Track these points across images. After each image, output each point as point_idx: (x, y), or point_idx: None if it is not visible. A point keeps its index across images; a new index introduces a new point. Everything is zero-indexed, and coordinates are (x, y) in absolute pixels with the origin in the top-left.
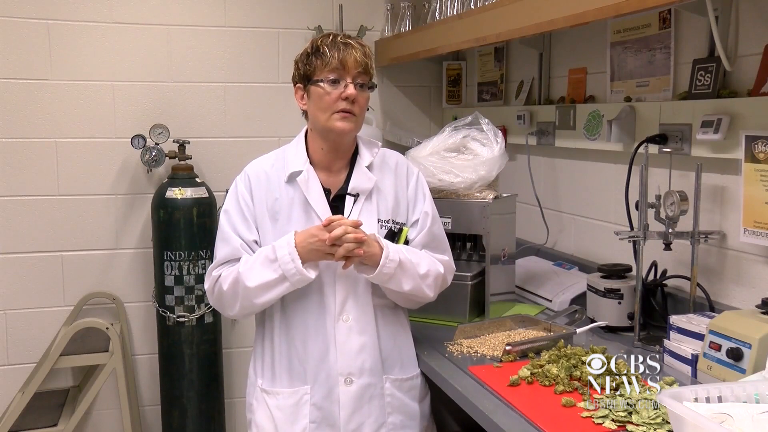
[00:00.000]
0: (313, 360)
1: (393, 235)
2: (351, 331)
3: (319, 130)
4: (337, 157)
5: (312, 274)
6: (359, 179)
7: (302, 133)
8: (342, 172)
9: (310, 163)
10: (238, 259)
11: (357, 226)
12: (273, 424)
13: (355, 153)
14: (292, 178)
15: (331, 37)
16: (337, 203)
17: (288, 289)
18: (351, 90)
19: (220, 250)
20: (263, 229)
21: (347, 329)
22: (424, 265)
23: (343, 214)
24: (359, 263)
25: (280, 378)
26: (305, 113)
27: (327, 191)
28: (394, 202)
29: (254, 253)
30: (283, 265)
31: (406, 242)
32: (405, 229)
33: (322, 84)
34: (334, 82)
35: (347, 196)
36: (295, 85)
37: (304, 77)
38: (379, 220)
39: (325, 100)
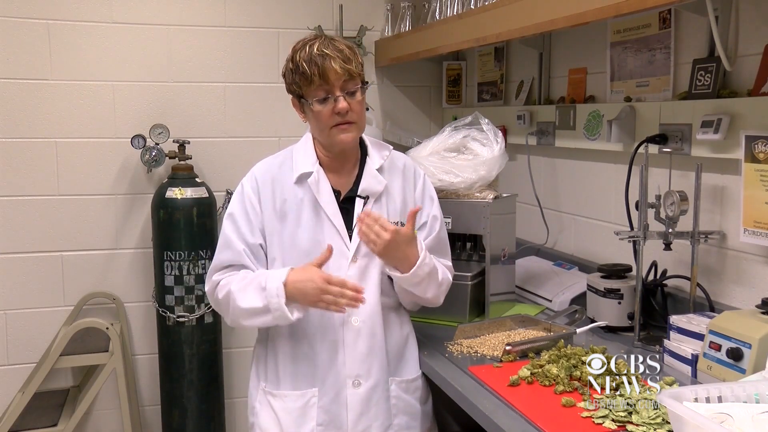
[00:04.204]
0: (321, 362)
1: None
2: (360, 334)
3: (324, 143)
4: (344, 161)
5: (294, 315)
6: (369, 182)
7: (309, 133)
8: (351, 173)
9: (319, 164)
10: (238, 265)
11: (359, 292)
12: (279, 427)
13: (364, 154)
14: (302, 179)
15: (307, 50)
16: (346, 205)
17: (271, 322)
18: (341, 104)
19: (221, 254)
20: (270, 231)
21: (356, 331)
22: (440, 272)
23: (353, 216)
24: (383, 258)
25: (285, 380)
26: None
27: (337, 192)
28: (402, 204)
29: (253, 271)
30: (269, 297)
31: None
32: (414, 231)
33: (312, 105)
34: (323, 101)
35: (357, 199)
36: (291, 97)
37: (295, 93)
38: None
39: (319, 119)
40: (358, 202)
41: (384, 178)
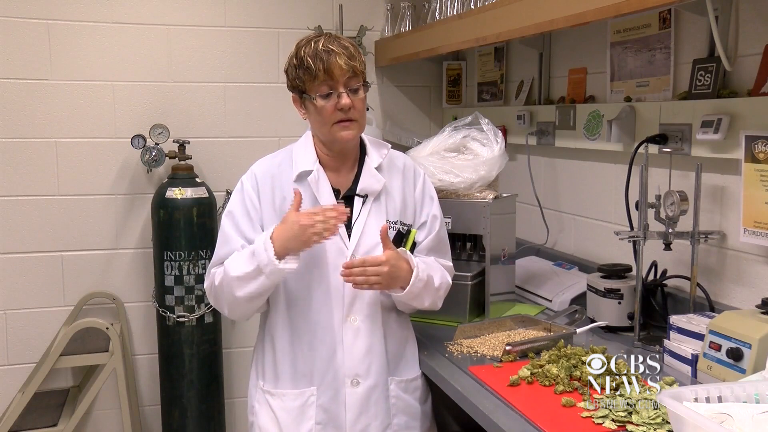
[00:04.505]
0: (319, 361)
1: (401, 237)
2: (359, 333)
3: (324, 140)
4: (344, 160)
5: (286, 265)
6: (368, 180)
7: (309, 132)
8: (350, 172)
9: (319, 162)
10: None
11: (339, 212)
12: (277, 426)
13: (363, 153)
14: (301, 177)
15: (312, 45)
16: (345, 204)
17: (264, 283)
18: (345, 100)
19: (220, 249)
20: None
21: (355, 331)
22: (438, 278)
23: (351, 214)
24: (386, 289)
25: (283, 379)
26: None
27: (336, 191)
28: (401, 203)
29: None
30: (258, 256)
31: (414, 244)
32: (413, 230)
33: (314, 100)
34: (327, 96)
35: (356, 197)
36: (292, 93)
37: (297, 89)
38: (387, 221)
39: (321, 115)
40: (357, 201)
41: (383, 176)
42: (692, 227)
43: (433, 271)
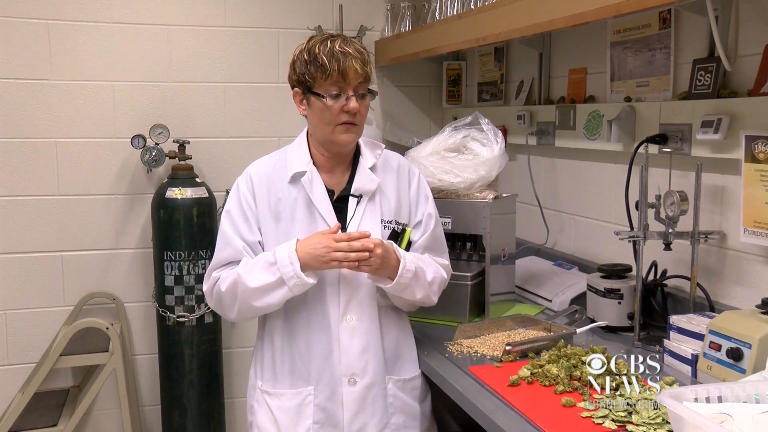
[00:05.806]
0: (316, 361)
1: (396, 236)
2: (355, 332)
3: (321, 140)
4: (339, 161)
5: (310, 280)
6: (362, 180)
7: (304, 133)
8: (345, 172)
9: (313, 163)
10: (239, 262)
11: (364, 237)
12: (275, 426)
13: (357, 153)
14: (295, 178)
15: (329, 45)
16: (340, 204)
17: (286, 294)
18: (353, 104)
19: (221, 252)
20: (266, 229)
21: (351, 330)
22: (431, 272)
23: (346, 215)
24: (376, 273)
25: (281, 379)
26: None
27: (330, 192)
28: (396, 203)
29: (255, 256)
30: (282, 268)
31: (409, 243)
32: (408, 230)
33: (323, 99)
34: (336, 97)
35: (350, 197)
36: (292, 88)
37: (303, 84)
38: (382, 221)
39: (327, 114)
40: (351, 201)
41: (377, 176)
42: (692, 227)
43: (425, 265)
